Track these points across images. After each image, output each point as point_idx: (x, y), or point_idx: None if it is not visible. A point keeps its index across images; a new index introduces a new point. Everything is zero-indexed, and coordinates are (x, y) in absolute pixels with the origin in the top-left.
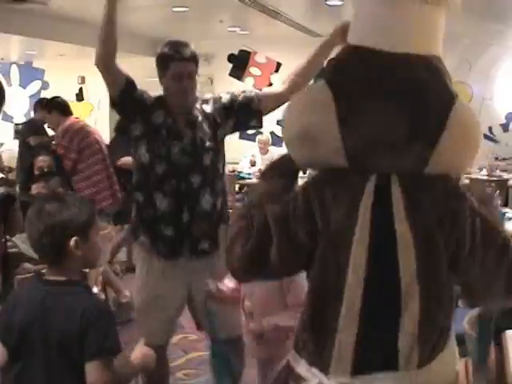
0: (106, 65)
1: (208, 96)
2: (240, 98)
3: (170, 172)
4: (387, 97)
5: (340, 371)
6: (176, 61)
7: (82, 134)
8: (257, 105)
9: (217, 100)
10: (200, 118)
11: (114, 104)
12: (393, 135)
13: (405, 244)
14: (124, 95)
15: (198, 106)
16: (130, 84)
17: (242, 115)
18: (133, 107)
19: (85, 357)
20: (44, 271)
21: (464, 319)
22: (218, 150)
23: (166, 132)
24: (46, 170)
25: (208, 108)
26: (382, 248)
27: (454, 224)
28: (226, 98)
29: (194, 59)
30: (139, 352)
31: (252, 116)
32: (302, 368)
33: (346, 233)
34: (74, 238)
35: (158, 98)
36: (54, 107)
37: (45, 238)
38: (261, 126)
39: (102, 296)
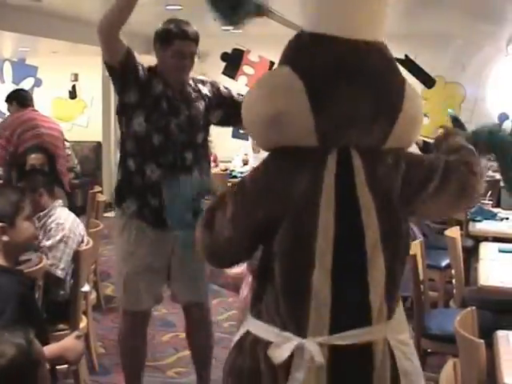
0: (111, 34)
1: (203, 78)
2: (235, 96)
3: (166, 145)
4: (352, 80)
5: (318, 331)
6: (180, 39)
7: (28, 125)
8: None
9: (214, 85)
10: (194, 96)
11: (112, 72)
12: (359, 115)
13: (367, 209)
14: (123, 65)
15: (192, 83)
16: (130, 55)
17: (232, 112)
18: (130, 76)
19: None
20: None
21: (455, 319)
22: (208, 131)
23: (167, 104)
24: (38, 167)
25: (205, 89)
26: (346, 214)
27: (405, 182)
28: (223, 88)
29: (196, 40)
30: (66, 341)
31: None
32: (271, 334)
33: (312, 201)
34: None
35: (153, 69)
36: (14, 98)
37: None
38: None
39: (94, 293)
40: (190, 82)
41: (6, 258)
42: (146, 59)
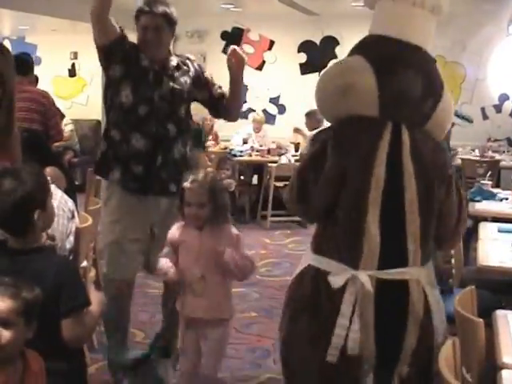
0: (100, 17)
1: (191, 56)
2: (216, 87)
3: (151, 115)
4: (408, 66)
5: (368, 266)
6: (145, 14)
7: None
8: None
9: (201, 67)
10: (179, 70)
11: (101, 50)
12: (413, 93)
13: (409, 174)
14: (114, 45)
15: (178, 58)
16: (122, 37)
17: (216, 97)
18: (119, 53)
19: (61, 314)
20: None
21: (454, 299)
22: (189, 106)
23: (153, 76)
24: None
25: (191, 67)
26: (392, 176)
27: (437, 170)
28: (208, 75)
29: (163, 15)
30: (94, 300)
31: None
32: (331, 266)
33: (369, 163)
34: (36, 211)
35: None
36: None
37: (10, 216)
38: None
39: (93, 270)
40: (176, 57)
41: (37, 241)
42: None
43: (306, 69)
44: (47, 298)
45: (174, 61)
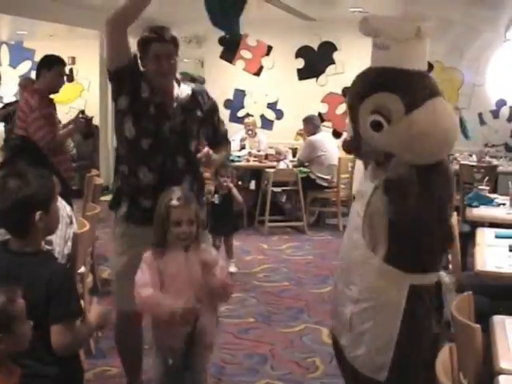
0: (120, 27)
1: (208, 92)
2: (221, 129)
3: (156, 148)
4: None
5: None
6: (156, 41)
7: None
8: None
9: (215, 107)
10: (191, 103)
11: (112, 77)
12: None
13: None
14: (124, 72)
15: (189, 90)
16: (133, 63)
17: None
18: (128, 80)
19: (50, 320)
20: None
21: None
22: (199, 142)
23: (154, 108)
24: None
25: (203, 101)
26: None
27: None
28: (216, 116)
29: (173, 41)
30: (94, 312)
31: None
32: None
33: None
34: (38, 213)
35: (143, 74)
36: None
37: (10, 214)
38: None
39: (90, 276)
40: (189, 89)
41: (37, 244)
42: None
43: (303, 74)
44: (40, 303)
45: (188, 91)
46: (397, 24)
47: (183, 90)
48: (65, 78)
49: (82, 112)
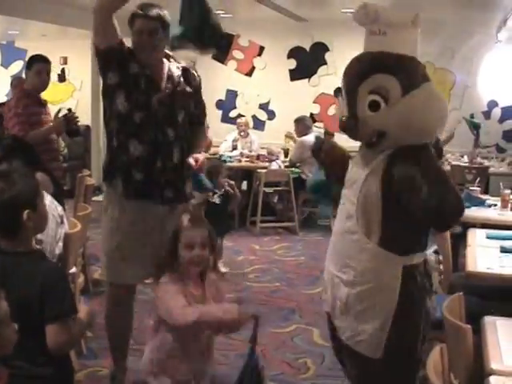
0: (106, 13)
1: (196, 73)
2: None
3: (147, 121)
4: None
5: None
6: (139, 17)
7: None
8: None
9: (199, 88)
10: (180, 78)
11: (100, 55)
12: None
13: None
14: (112, 51)
15: (180, 66)
16: (120, 44)
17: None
18: (114, 60)
19: (45, 319)
20: None
21: (442, 305)
22: (189, 114)
23: (145, 82)
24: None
25: (192, 76)
26: None
27: None
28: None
29: (158, 18)
30: (82, 311)
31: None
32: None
33: None
34: (25, 212)
35: (131, 52)
36: None
37: None
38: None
39: (82, 276)
40: (178, 66)
41: (28, 243)
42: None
43: (295, 75)
44: (34, 302)
45: (179, 67)
46: (394, 11)
47: (174, 65)
48: (45, 75)
49: (69, 110)
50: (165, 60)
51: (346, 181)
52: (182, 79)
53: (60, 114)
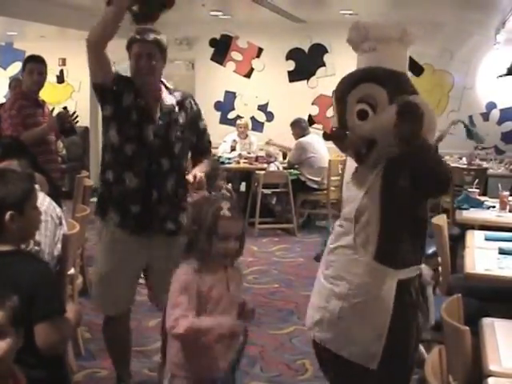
0: (97, 48)
1: (192, 101)
2: (205, 138)
3: (140, 153)
4: None
5: None
6: (136, 42)
7: None
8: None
9: (199, 115)
10: (175, 107)
11: (95, 88)
12: None
13: None
14: (107, 85)
15: (176, 96)
16: (113, 81)
17: (200, 150)
18: (110, 93)
19: (34, 319)
20: None
21: (441, 307)
22: (186, 145)
23: (137, 114)
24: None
25: (189, 105)
26: None
27: None
28: (205, 125)
29: (155, 43)
30: (70, 310)
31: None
32: None
33: None
34: (8, 213)
35: (128, 81)
36: None
37: None
38: None
39: (80, 278)
40: (176, 95)
41: (13, 245)
42: None
43: (294, 76)
44: (22, 303)
45: (175, 97)
46: (383, 26)
47: (170, 95)
48: (37, 74)
49: (65, 108)
50: (163, 88)
51: (344, 199)
52: (177, 109)
53: (54, 113)
